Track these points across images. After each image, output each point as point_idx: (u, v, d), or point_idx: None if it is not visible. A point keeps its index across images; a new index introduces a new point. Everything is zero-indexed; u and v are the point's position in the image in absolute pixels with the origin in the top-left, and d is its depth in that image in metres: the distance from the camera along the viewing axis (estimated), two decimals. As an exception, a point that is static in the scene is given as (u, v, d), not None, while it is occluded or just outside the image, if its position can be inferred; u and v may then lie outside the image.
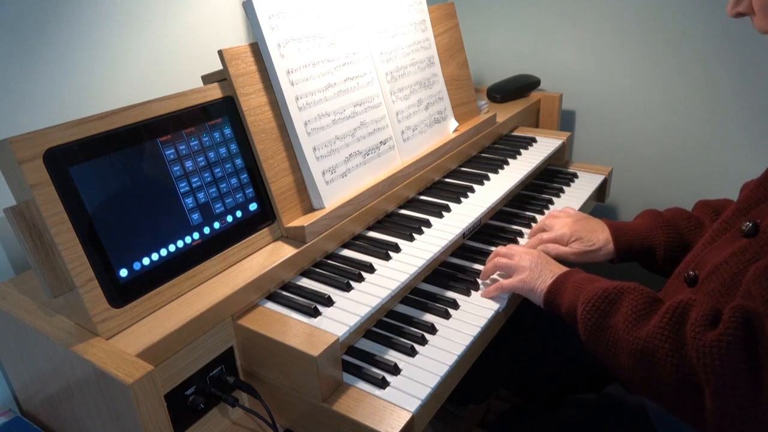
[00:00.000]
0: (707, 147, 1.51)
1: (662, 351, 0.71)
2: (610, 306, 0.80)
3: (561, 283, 0.89)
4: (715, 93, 1.45)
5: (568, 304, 0.86)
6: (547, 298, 0.90)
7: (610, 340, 0.78)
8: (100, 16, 1.05)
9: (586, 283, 0.86)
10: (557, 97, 1.62)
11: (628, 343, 0.75)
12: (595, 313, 0.80)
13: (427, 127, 1.27)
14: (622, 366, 0.77)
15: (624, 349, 0.76)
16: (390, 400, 0.78)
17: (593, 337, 0.81)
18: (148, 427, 0.68)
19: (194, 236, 0.85)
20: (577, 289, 0.86)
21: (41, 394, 0.87)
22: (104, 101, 1.07)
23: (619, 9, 1.51)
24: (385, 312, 0.96)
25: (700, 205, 1.08)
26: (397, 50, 1.21)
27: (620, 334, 0.77)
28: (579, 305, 0.83)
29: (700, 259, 0.85)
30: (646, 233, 1.04)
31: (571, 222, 1.08)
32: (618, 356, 0.77)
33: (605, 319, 0.79)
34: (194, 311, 0.77)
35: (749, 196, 0.84)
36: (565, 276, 0.90)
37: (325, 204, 1.00)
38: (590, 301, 0.81)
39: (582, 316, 0.82)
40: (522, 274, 0.93)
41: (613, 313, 0.79)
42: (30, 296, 0.84)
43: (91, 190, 0.74)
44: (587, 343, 0.83)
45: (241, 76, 0.93)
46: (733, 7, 0.78)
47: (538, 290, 0.92)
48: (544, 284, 0.91)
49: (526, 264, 0.94)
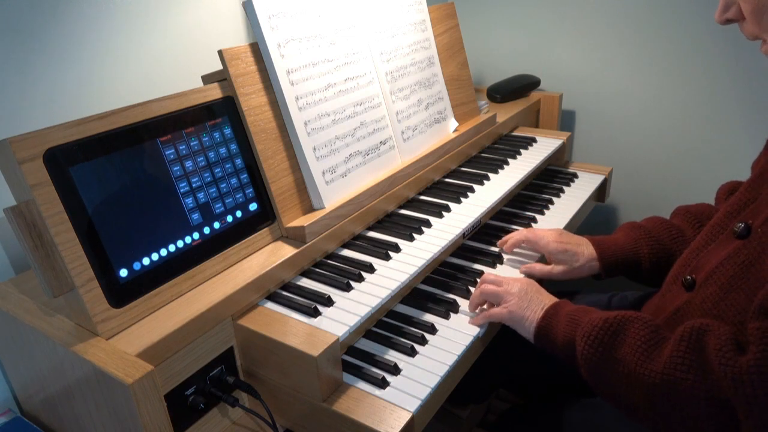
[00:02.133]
0: (707, 147, 1.51)
1: (686, 383, 0.67)
2: (614, 338, 0.75)
3: (552, 316, 0.85)
4: (715, 93, 1.45)
5: (563, 339, 0.81)
6: (539, 333, 0.86)
7: (620, 375, 0.73)
8: (100, 16, 1.05)
9: (581, 315, 0.82)
10: (557, 97, 1.62)
11: (643, 377, 0.71)
12: (599, 347, 0.76)
13: (427, 127, 1.27)
14: (637, 403, 0.73)
15: (638, 384, 0.72)
16: (390, 400, 0.78)
17: (598, 372, 0.76)
18: (148, 427, 0.68)
19: (194, 236, 0.85)
20: (572, 322, 0.81)
21: (41, 394, 0.87)
22: (104, 101, 1.07)
23: (619, 9, 1.51)
24: (385, 312, 0.96)
25: (679, 212, 1.07)
26: (397, 50, 1.21)
27: (631, 368, 0.72)
28: (578, 339, 0.79)
29: (696, 262, 0.84)
30: (630, 247, 1.02)
31: (557, 234, 1.06)
32: (631, 392, 0.73)
33: (610, 353, 0.75)
34: (194, 311, 0.77)
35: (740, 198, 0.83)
36: (556, 308, 0.86)
37: (325, 204, 1.00)
38: (591, 334, 0.77)
39: (583, 351, 0.77)
40: (510, 302, 0.89)
41: (618, 345, 0.75)
42: (30, 296, 0.84)
43: (91, 190, 0.74)
44: (590, 379, 0.78)
45: (241, 76, 0.93)
46: (721, 14, 0.77)
47: (527, 323, 0.87)
48: (534, 316, 0.87)
49: (515, 291, 0.90)
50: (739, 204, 0.83)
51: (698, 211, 1.04)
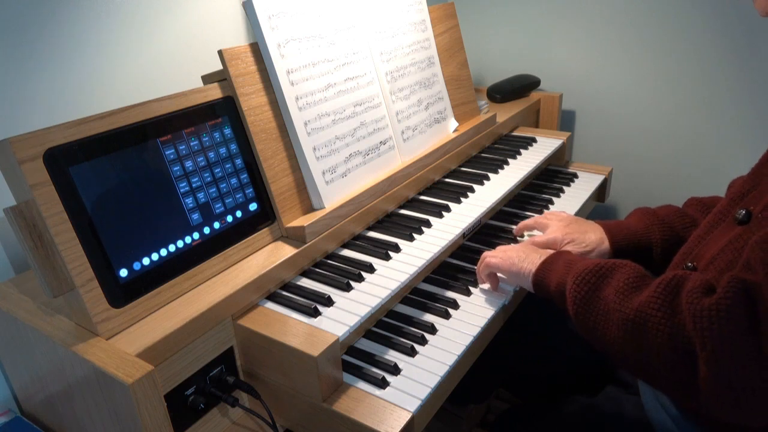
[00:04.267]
0: (707, 147, 1.51)
1: (654, 319, 0.70)
2: (602, 279, 0.79)
3: (550, 263, 0.89)
4: (715, 93, 1.45)
5: (557, 281, 0.85)
6: (536, 277, 0.89)
7: (600, 313, 0.77)
8: (100, 16, 1.05)
9: (577, 261, 0.85)
10: (557, 97, 1.62)
11: (619, 313, 0.73)
12: (585, 286, 0.79)
13: (427, 127, 1.27)
14: (612, 338, 0.75)
15: (614, 320, 0.74)
16: (390, 400, 0.78)
17: (582, 310, 0.79)
18: (148, 427, 0.68)
19: (194, 236, 0.85)
20: (567, 266, 0.85)
21: (41, 394, 0.87)
22: (104, 101, 1.07)
23: (619, 9, 1.52)
24: (385, 312, 0.96)
25: (691, 202, 1.08)
26: (397, 50, 1.21)
27: (611, 306, 0.75)
28: (569, 280, 0.82)
29: (698, 251, 0.85)
30: (642, 232, 1.04)
31: (563, 225, 1.07)
32: (608, 328, 0.76)
33: (595, 292, 0.78)
34: (194, 311, 0.77)
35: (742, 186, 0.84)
36: (555, 256, 0.90)
37: (325, 204, 1.00)
38: (581, 275, 0.80)
39: (571, 290, 0.81)
40: (509, 254, 0.94)
41: (604, 286, 0.78)
42: (30, 296, 0.84)
43: (91, 190, 0.74)
44: (575, 318, 0.81)
45: (241, 76, 0.93)
46: None
47: (525, 270, 0.91)
48: (532, 265, 0.91)
49: (512, 249, 0.96)
50: (742, 191, 0.83)
51: (711, 202, 1.05)
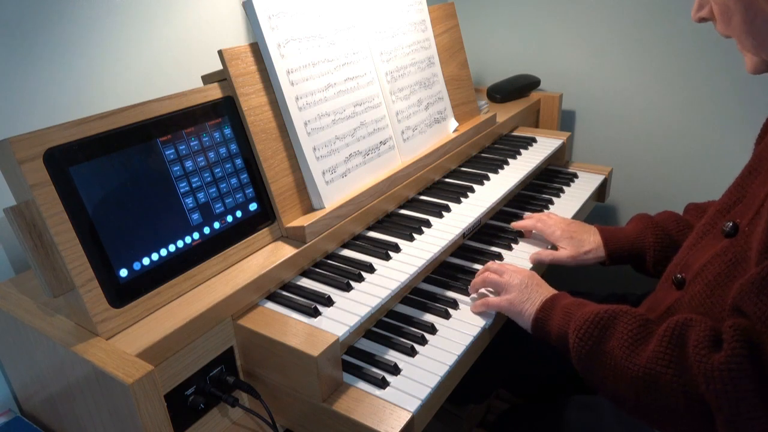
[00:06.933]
0: (707, 147, 1.51)
1: (666, 377, 0.69)
2: (603, 332, 0.78)
3: (549, 309, 0.87)
4: (715, 93, 1.45)
5: (558, 331, 0.84)
6: (536, 324, 0.88)
7: (607, 368, 0.76)
8: (100, 15, 1.05)
9: (575, 309, 0.84)
10: (557, 97, 1.62)
11: (628, 370, 0.73)
12: (589, 340, 0.78)
13: (427, 127, 1.27)
14: (623, 395, 0.75)
15: (624, 377, 0.74)
16: (390, 400, 0.78)
17: (588, 365, 0.79)
18: (148, 427, 0.68)
19: (194, 236, 0.85)
20: (566, 315, 0.84)
21: (41, 394, 0.87)
22: (104, 101, 1.07)
23: (619, 9, 1.51)
24: (385, 312, 0.96)
25: (690, 208, 1.09)
26: (397, 50, 1.21)
27: (617, 361, 0.75)
28: (570, 332, 0.81)
29: (687, 261, 0.85)
30: (636, 236, 1.05)
31: (564, 224, 1.11)
32: (618, 385, 0.75)
33: (599, 346, 0.77)
34: (194, 311, 0.77)
35: (728, 197, 0.84)
36: (553, 300, 0.88)
37: (325, 204, 1.00)
38: (582, 328, 0.79)
39: (574, 344, 0.80)
40: (510, 293, 0.91)
41: (607, 338, 0.77)
42: (30, 296, 0.84)
43: (91, 190, 0.74)
44: (581, 371, 0.81)
45: (241, 76, 0.93)
46: (696, 12, 0.79)
47: (525, 314, 0.90)
48: (532, 308, 0.89)
49: (516, 283, 0.92)
50: (728, 202, 0.84)
51: (708, 207, 1.05)
